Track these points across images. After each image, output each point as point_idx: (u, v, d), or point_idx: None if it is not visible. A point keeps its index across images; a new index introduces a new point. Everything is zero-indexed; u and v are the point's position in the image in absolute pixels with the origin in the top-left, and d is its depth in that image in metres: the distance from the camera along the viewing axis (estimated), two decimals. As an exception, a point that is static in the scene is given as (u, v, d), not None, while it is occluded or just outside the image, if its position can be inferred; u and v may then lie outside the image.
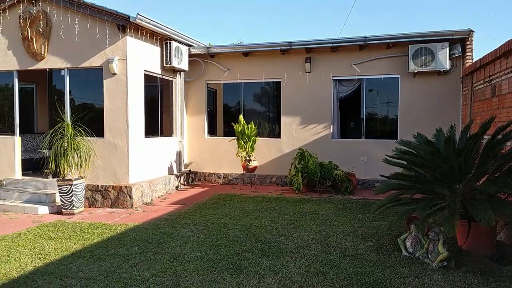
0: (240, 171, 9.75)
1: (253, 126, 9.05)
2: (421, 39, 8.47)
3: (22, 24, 8.09)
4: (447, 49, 8.33)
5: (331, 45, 8.94)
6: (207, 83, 10.35)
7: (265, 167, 9.78)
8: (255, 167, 9.23)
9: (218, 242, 5.19)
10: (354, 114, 9.71)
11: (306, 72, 9.47)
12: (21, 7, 8.12)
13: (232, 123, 9.34)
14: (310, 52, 9.39)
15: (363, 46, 8.95)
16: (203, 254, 4.74)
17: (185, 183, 9.93)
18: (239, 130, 8.95)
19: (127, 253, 4.82)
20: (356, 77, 9.28)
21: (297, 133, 9.63)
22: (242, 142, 8.97)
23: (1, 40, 8.37)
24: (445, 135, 5.05)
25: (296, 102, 9.62)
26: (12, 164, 8.45)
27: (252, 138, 8.98)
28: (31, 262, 4.58)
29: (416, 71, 8.59)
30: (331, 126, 9.44)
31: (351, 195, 8.44)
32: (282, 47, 9.21)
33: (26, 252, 4.95)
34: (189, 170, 10.20)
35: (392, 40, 8.64)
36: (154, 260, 4.57)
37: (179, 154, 9.85)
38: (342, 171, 8.66)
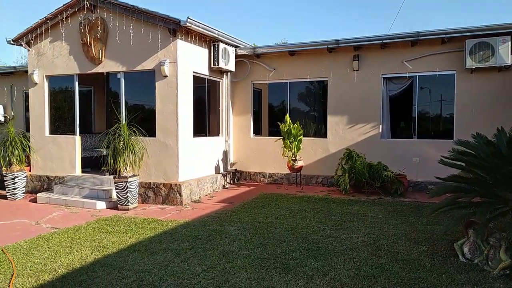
0: (286, 170, 9.74)
1: (299, 125, 9.00)
2: (479, 33, 7.95)
3: (82, 30, 8.67)
4: (509, 43, 7.75)
5: (381, 41, 8.66)
6: (253, 83, 10.45)
7: (310, 167, 9.70)
8: (300, 167, 9.18)
9: (265, 241, 5.23)
10: (405, 113, 9.34)
11: (354, 70, 9.25)
12: (81, 15, 8.70)
13: (278, 123, 9.36)
14: (358, 49, 9.16)
15: (415, 42, 8.57)
16: (251, 252, 4.80)
17: (231, 182, 10.11)
18: (285, 130, 8.94)
19: (178, 248, 5.01)
20: (407, 75, 8.92)
21: (344, 133, 9.44)
22: (288, 142, 8.96)
23: (63, 46, 9.03)
24: (507, 134, 4.70)
25: (343, 101, 9.43)
26: (73, 162, 9.08)
27: (298, 138, 8.94)
28: (91, 253, 4.90)
29: (473, 67, 8.08)
30: (380, 126, 9.14)
31: (401, 197, 8.13)
32: (329, 46, 9.07)
33: (86, 244, 5.30)
34: (235, 169, 10.37)
35: (447, 35, 8.19)
36: (204, 256, 4.71)
37: (225, 154, 10.04)
38: (392, 172, 8.35)
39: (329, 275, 4.07)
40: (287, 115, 9.30)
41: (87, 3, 8.42)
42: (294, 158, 9.04)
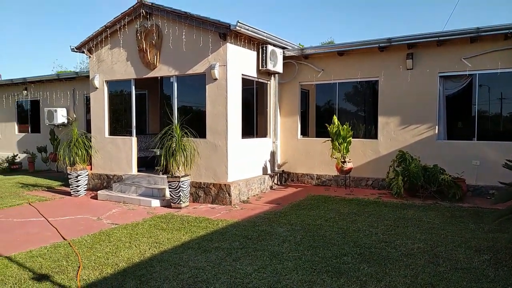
0: (334, 172, 9.59)
1: (348, 127, 8.82)
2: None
3: (138, 37, 9.15)
4: None
5: (437, 39, 8.25)
6: (300, 84, 10.40)
7: (360, 169, 9.46)
8: (349, 169, 8.99)
9: (315, 244, 5.20)
10: (463, 114, 8.82)
11: (407, 69, 8.90)
12: (137, 23, 9.19)
13: (326, 125, 9.24)
14: (412, 47, 8.79)
15: (475, 38, 8.07)
16: (301, 254, 4.80)
17: (279, 183, 10.14)
18: (334, 131, 8.80)
19: (229, 247, 5.12)
20: (466, 73, 8.41)
21: (396, 134, 9.11)
22: (337, 143, 8.81)
23: (121, 53, 9.59)
24: None
25: (395, 101, 9.10)
26: (129, 161, 9.61)
27: (347, 140, 8.76)
28: (149, 249, 5.16)
29: (543, 62, 7.44)
30: (436, 127, 8.71)
31: (460, 202, 7.68)
32: (381, 44, 8.80)
33: (144, 240, 5.59)
34: (282, 171, 10.39)
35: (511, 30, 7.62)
36: (255, 256, 4.77)
37: (273, 155, 10.09)
38: (450, 175, 7.92)
39: (384, 281, 3.96)
40: (335, 116, 9.16)
41: (143, 11, 8.87)
42: (343, 160, 8.88)
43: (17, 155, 14.60)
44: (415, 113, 8.88)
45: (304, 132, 10.83)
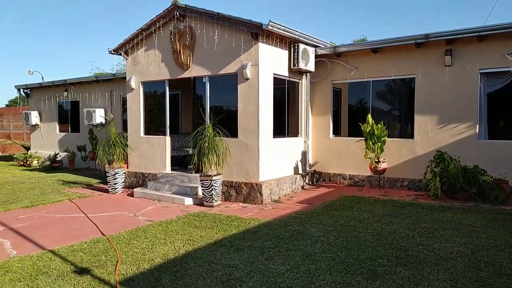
0: (367, 172, 9.38)
1: (382, 126, 8.60)
2: None
3: (172, 39, 9.36)
4: None
5: (478, 34, 7.87)
6: (333, 83, 10.26)
7: (395, 169, 9.20)
8: (384, 169, 8.76)
9: (349, 245, 5.11)
10: (506, 112, 8.38)
11: (446, 66, 8.55)
12: (171, 25, 9.40)
13: (360, 124, 9.06)
14: (451, 43, 8.44)
15: (520, 31, 7.63)
16: (334, 255, 4.73)
17: (310, 183, 10.05)
18: (367, 130, 8.61)
19: (261, 246, 5.14)
20: (510, 69, 7.97)
21: (434, 134, 8.78)
22: (371, 143, 8.61)
23: (156, 54, 9.84)
24: None
25: (432, 99, 8.78)
26: (163, 160, 9.85)
27: (381, 139, 8.55)
28: (183, 246, 5.27)
29: None
30: (477, 126, 8.32)
31: (503, 204, 7.30)
32: (418, 40, 8.51)
33: (178, 237, 5.71)
34: (314, 170, 10.28)
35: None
36: (287, 256, 4.76)
37: (304, 154, 10.02)
38: (492, 177, 7.54)
39: (421, 285, 3.84)
40: (369, 115, 8.95)
41: (177, 13, 9.06)
42: (377, 160, 8.67)
43: (58, 153, 15.35)
44: (454, 112, 8.52)
45: (336, 132, 10.67)
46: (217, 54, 8.69)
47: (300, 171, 9.83)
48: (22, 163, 15.94)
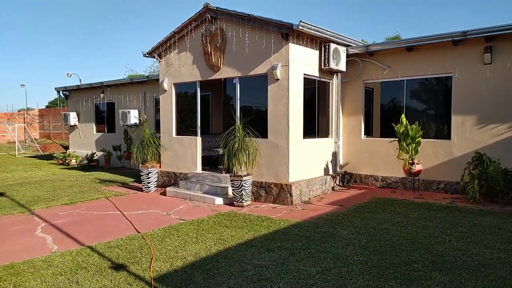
0: (400, 174, 9.13)
1: (417, 126, 8.34)
2: None
3: (203, 41, 9.51)
4: None
5: (520, 29, 7.48)
6: (364, 83, 10.06)
7: (430, 171, 8.90)
8: (418, 171, 8.50)
9: (382, 249, 5.00)
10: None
11: (485, 64, 8.18)
12: (203, 27, 9.55)
13: (393, 124, 8.83)
14: (491, 40, 8.07)
15: None
16: (367, 259, 4.65)
17: (341, 184, 9.91)
18: (401, 131, 8.38)
19: (292, 247, 5.13)
20: (557, 65, 7.52)
21: (472, 134, 8.42)
22: (404, 144, 8.38)
23: (188, 56, 10.04)
24: None
25: (471, 98, 8.42)
26: (195, 160, 10.03)
27: (416, 140, 8.29)
28: (214, 245, 5.35)
29: None
30: (519, 126, 7.90)
31: (548, 210, 6.90)
32: (455, 38, 8.19)
33: (209, 236, 5.80)
34: (345, 171, 10.13)
35: None
36: (318, 258, 4.72)
37: (334, 155, 9.89)
38: (535, 180, 7.15)
39: (459, 292, 3.70)
40: (403, 115, 8.70)
41: (208, 15, 9.20)
42: (411, 162, 8.42)
43: (95, 153, 15.99)
44: (494, 111, 8.14)
45: (368, 132, 10.46)
46: (247, 55, 8.75)
47: (331, 172, 9.72)
48: (61, 161, 16.72)
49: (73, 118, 17.49)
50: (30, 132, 27.65)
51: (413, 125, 8.35)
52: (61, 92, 18.45)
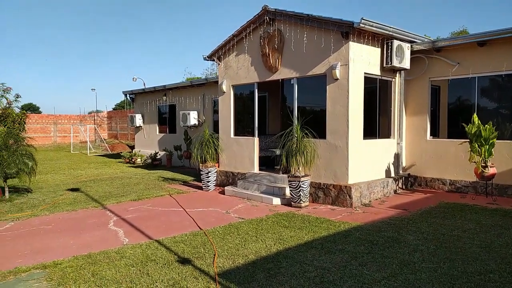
0: (472, 178, 8.49)
1: (491, 127, 7.70)
2: None
3: (261, 43, 9.63)
4: None
5: None
6: (430, 80, 9.50)
7: (506, 175, 8.17)
8: (492, 175, 7.84)
9: (453, 256, 4.70)
10: None
11: None
12: (261, 29, 9.67)
13: (463, 124, 8.24)
14: None
15: None
16: (436, 266, 4.40)
17: (403, 187, 9.45)
18: (473, 131, 7.79)
19: (354, 251, 5.00)
20: None
21: (557, 135, 7.59)
22: (476, 146, 7.78)
23: (246, 58, 10.22)
24: None
25: (555, 95, 7.60)
26: (252, 160, 10.18)
27: (490, 141, 7.66)
28: (274, 245, 5.38)
29: None
30: None
31: None
32: (536, 29, 7.45)
33: (268, 235, 5.85)
34: (408, 174, 9.65)
35: None
36: (383, 263, 4.56)
37: (397, 157, 9.47)
38: None
39: (547, 309, 3.35)
40: (475, 115, 8.08)
41: (267, 17, 9.30)
42: (483, 164, 7.79)
43: (157, 152, 16.87)
44: None
45: (434, 133, 9.86)
46: (305, 55, 8.70)
47: (393, 175, 9.31)
48: (127, 160, 17.87)
49: (138, 120, 18.60)
50: (99, 133, 29.93)
51: (486, 126, 7.73)
52: (128, 95, 19.73)
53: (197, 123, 15.14)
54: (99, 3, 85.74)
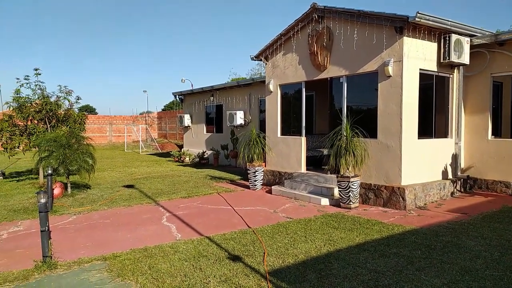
0: (540, 182, 7.79)
1: None
2: None
3: (309, 41, 9.51)
4: None
5: None
6: (492, 76, 8.85)
7: None
8: None
9: (522, 265, 4.33)
10: None
11: None
12: (309, 27, 9.56)
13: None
14: None
15: None
16: (502, 275, 4.08)
17: (462, 190, 8.89)
18: (542, 130, 7.15)
19: (410, 255, 4.78)
20: None
21: None
22: (547, 146, 7.12)
23: (293, 57, 10.16)
24: None
25: None
26: (299, 160, 10.09)
27: None
28: (324, 245, 5.29)
29: None
30: None
31: None
32: None
33: (317, 236, 5.76)
34: (467, 176, 9.05)
35: None
36: (441, 268, 4.31)
37: (454, 158, 8.92)
38: None
39: None
40: (545, 112, 7.42)
41: (315, 15, 9.17)
42: (555, 167, 7.12)
43: (205, 151, 17.29)
44: None
45: (496, 132, 9.18)
46: (355, 52, 8.46)
47: (450, 176, 8.79)
48: (176, 159, 18.49)
49: (187, 120, 19.18)
50: (150, 132, 31.27)
51: (559, 124, 7.05)
52: (177, 96, 20.41)
53: (243, 123, 15.30)
54: (145, 5, 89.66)
